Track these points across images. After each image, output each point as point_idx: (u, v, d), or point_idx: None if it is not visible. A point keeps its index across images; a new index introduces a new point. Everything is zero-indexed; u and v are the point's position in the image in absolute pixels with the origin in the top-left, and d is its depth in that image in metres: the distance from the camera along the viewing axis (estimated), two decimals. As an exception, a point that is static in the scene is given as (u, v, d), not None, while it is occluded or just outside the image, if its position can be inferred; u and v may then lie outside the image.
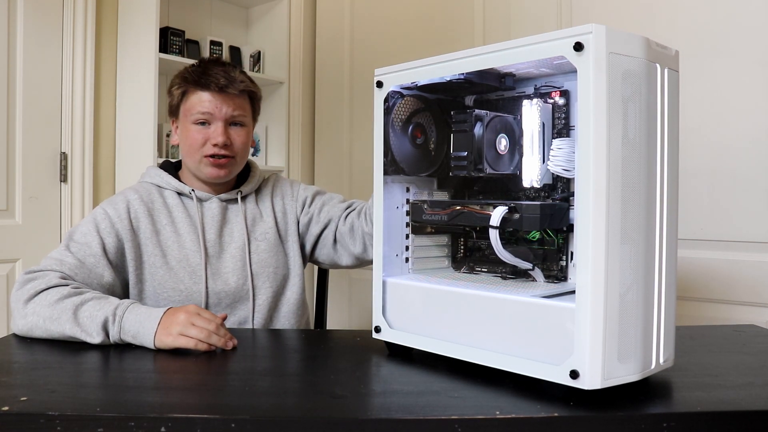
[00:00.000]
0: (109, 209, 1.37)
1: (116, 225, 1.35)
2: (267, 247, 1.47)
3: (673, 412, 0.81)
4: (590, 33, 0.81)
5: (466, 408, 0.82)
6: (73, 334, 1.13)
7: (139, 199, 1.40)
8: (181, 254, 1.39)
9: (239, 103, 1.42)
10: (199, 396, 0.90)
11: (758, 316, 1.77)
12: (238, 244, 1.44)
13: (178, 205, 1.44)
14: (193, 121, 1.40)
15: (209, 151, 1.39)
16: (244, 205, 1.49)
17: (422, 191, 1.19)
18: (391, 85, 1.08)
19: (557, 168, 1.00)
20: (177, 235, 1.40)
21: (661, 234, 0.88)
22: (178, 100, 1.43)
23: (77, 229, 1.34)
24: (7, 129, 2.14)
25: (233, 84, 1.39)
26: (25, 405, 0.82)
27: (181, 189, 1.44)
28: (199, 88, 1.40)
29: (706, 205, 1.88)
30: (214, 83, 1.38)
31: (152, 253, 1.37)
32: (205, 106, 1.39)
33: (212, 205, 1.45)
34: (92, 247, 1.30)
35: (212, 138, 1.39)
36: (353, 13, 2.85)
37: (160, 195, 1.44)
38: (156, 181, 1.46)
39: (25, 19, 2.16)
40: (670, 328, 0.91)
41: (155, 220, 1.40)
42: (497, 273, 1.13)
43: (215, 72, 1.39)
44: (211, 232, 1.43)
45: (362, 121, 2.82)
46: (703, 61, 1.86)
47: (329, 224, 1.53)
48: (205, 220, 1.43)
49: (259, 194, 1.54)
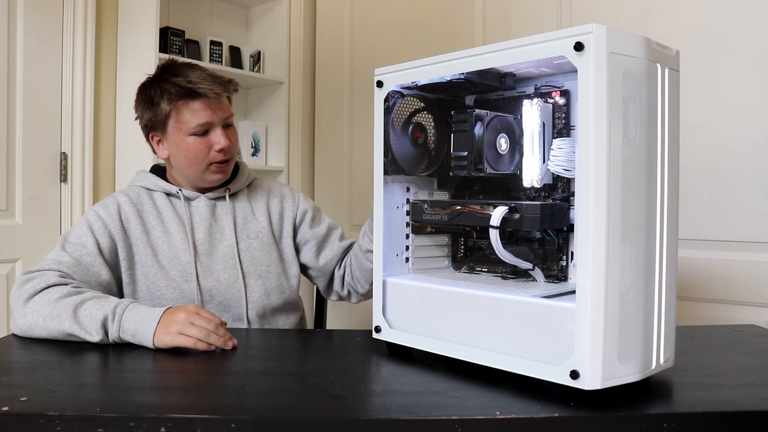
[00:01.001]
0: (100, 211, 1.37)
1: (108, 225, 1.35)
2: (260, 245, 1.47)
3: (673, 413, 0.81)
4: (590, 33, 0.81)
5: (466, 408, 0.82)
6: (72, 331, 1.13)
7: (129, 201, 1.41)
8: (171, 253, 1.39)
9: (227, 105, 1.42)
10: (199, 396, 0.90)
11: (758, 316, 1.77)
12: (229, 242, 1.44)
13: (167, 205, 1.44)
14: (189, 133, 1.37)
15: (216, 158, 1.39)
16: (233, 203, 1.49)
17: (422, 191, 1.19)
18: (392, 84, 1.08)
19: (557, 168, 1.00)
20: (167, 234, 1.41)
21: (662, 234, 0.88)
22: (165, 114, 1.37)
23: (71, 232, 1.34)
24: (7, 129, 2.13)
25: (226, 87, 1.38)
26: (25, 405, 0.82)
27: (169, 189, 1.44)
28: (190, 100, 1.36)
29: (706, 205, 1.87)
30: (210, 91, 1.35)
31: (143, 253, 1.38)
32: (202, 117, 1.36)
33: (200, 203, 1.45)
34: (88, 247, 1.31)
35: (216, 144, 1.38)
36: (353, 13, 2.85)
37: (149, 197, 1.45)
38: (145, 183, 1.46)
39: (25, 19, 2.16)
40: (670, 328, 0.91)
41: (145, 220, 1.41)
42: (497, 273, 1.13)
43: (202, 79, 1.35)
44: (200, 231, 1.43)
45: (362, 121, 2.82)
46: (703, 61, 1.86)
47: (323, 269, 1.54)
48: (193, 218, 1.44)
49: (252, 193, 1.54)
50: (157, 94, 1.37)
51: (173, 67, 1.40)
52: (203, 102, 1.36)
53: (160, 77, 1.39)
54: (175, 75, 1.37)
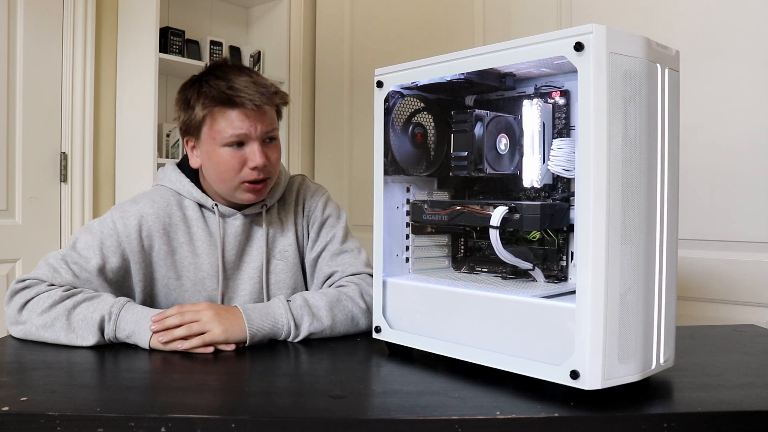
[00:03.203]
0: (119, 223, 1.24)
1: (123, 244, 1.23)
2: (285, 267, 1.35)
3: (673, 413, 0.81)
4: (590, 33, 0.81)
5: (466, 408, 0.82)
6: (68, 341, 1.12)
7: (155, 215, 1.27)
8: (197, 277, 1.29)
9: (271, 117, 1.26)
10: (199, 396, 0.90)
11: (758, 316, 1.77)
12: (256, 264, 1.33)
13: (198, 219, 1.30)
14: (223, 144, 1.23)
15: (249, 177, 1.24)
16: (268, 218, 1.35)
17: (422, 191, 1.19)
18: (392, 85, 1.08)
19: (557, 168, 1.00)
20: (194, 255, 1.29)
21: (662, 234, 0.88)
22: (200, 120, 1.24)
23: (82, 237, 1.24)
24: (7, 129, 2.14)
25: (270, 99, 1.23)
26: (25, 405, 0.81)
27: (204, 202, 1.30)
28: (228, 107, 1.21)
29: (706, 205, 1.87)
30: (249, 101, 1.20)
31: (165, 275, 1.28)
32: (238, 128, 1.21)
33: (236, 222, 1.32)
34: (90, 263, 1.21)
35: (250, 161, 1.23)
36: (353, 13, 2.85)
37: (179, 206, 1.30)
38: (176, 187, 1.31)
39: (25, 19, 2.16)
40: (670, 328, 0.91)
41: (171, 237, 1.28)
42: (497, 273, 1.13)
43: (245, 86, 1.21)
44: (231, 253, 1.31)
45: (362, 121, 2.82)
46: (703, 61, 1.86)
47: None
48: (226, 239, 1.31)
49: (283, 203, 1.38)
50: (194, 96, 1.25)
51: (219, 69, 1.26)
52: (241, 111, 1.21)
53: (202, 77, 1.26)
54: (218, 78, 1.23)
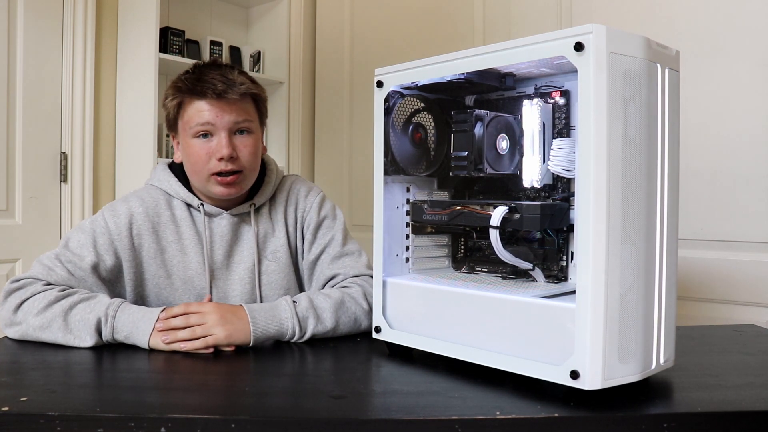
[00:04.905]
0: (110, 221, 1.26)
1: (115, 242, 1.25)
2: (278, 267, 1.35)
3: (673, 413, 0.81)
4: (590, 33, 0.81)
5: (466, 408, 0.82)
6: (66, 342, 1.11)
7: (144, 213, 1.28)
8: (186, 275, 1.30)
9: (242, 108, 1.27)
10: (199, 396, 0.90)
11: (758, 316, 1.77)
12: (247, 264, 1.33)
13: (186, 218, 1.32)
14: (193, 134, 1.25)
15: (215, 168, 1.25)
16: (257, 218, 1.35)
17: (422, 191, 1.19)
18: (392, 85, 1.08)
19: (557, 168, 1.00)
20: (183, 254, 1.30)
21: (662, 234, 0.88)
22: (174, 112, 1.29)
23: (74, 236, 1.25)
24: (7, 129, 2.14)
25: (232, 88, 1.24)
26: (25, 405, 0.81)
27: (190, 201, 1.32)
28: (195, 97, 1.25)
29: (706, 205, 1.87)
30: (210, 89, 1.22)
31: (155, 274, 1.29)
32: (203, 117, 1.24)
33: (222, 221, 1.32)
34: (84, 260, 1.22)
35: (216, 151, 1.24)
36: (353, 13, 2.85)
37: (167, 205, 1.32)
38: (164, 186, 1.33)
39: (25, 19, 2.16)
40: (670, 328, 0.91)
41: (160, 236, 1.30)
42: (497, 273, 1.13)
43: (211, 76, 1.24)
44: (219, 252, 1.32)
45: (362, 121, 2.82)
46: (703, 61, 1.86)
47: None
48: (213, 238, 1.32)
49: (273, 202, 1.39)
50: (170, 91, 1.29)
51: (198, 66, 1.29)
52: (208, 101, 1.24)
53: (183, 74, 1.29)
54: (192, 73, 1.27)
